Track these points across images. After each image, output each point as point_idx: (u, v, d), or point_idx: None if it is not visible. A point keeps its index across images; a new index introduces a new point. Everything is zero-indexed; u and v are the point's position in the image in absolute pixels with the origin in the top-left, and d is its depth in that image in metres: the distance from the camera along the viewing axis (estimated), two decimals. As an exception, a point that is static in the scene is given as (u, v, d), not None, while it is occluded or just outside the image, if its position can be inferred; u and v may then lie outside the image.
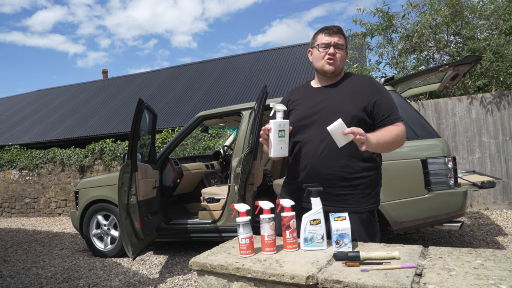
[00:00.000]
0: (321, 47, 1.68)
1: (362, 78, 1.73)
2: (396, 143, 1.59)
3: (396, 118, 1.63)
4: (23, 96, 19.03)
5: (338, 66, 1.68)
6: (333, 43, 1.66)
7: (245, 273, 1.35)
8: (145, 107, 3.45)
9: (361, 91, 1.65)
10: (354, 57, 7.67)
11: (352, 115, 1.60)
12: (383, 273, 1.17)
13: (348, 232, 1.40)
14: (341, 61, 1.69)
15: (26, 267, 4.13)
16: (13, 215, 9.09)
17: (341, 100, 1.65)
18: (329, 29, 1.68)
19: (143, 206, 3.37)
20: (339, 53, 1.67)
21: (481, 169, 5.60)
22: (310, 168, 1.64)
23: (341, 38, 1.68)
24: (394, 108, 1.65)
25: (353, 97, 1.64)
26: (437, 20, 6.73)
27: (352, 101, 1.63)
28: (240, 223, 1.49)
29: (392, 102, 1.66)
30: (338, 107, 1.63)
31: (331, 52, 1.65)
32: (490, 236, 4.08)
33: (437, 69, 3.26)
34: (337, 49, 1.66)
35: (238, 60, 14.65)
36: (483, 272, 1.11)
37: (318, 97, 1.71)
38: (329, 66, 1.67)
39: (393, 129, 1.59)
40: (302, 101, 1.75)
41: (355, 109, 1.61)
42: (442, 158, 3.04)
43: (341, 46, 1.67)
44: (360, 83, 1.69)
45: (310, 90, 1.77)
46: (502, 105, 5.53)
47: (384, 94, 1.66)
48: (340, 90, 1.69)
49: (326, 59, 1.66)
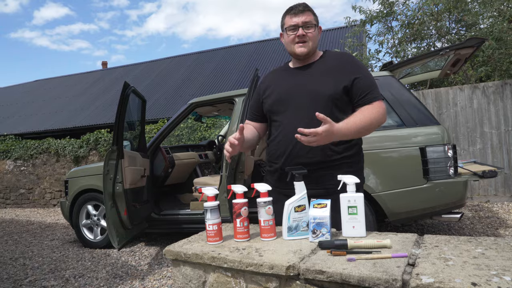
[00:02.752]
0: (289, 29, 1.58)
1: (340, 56, 1.63)
2: (373, 125, 1.48)
3: (374, 96, 1.51)
4: (20, 86, 18.86)
5: (310, 47, 1.58)
6: (301, 23, 1.56)
7: (221, 262, 1.22)
8: (131, 91, 3.30)
9: (338, 69, 1.55)
10: (353, 45, 7.49)
11: (329, 95, 1.51)
12: (372, 262, 1.04)
13: (326, 222, 1.27)
14: (313, 40, 1.58)
15: (13, 257, 4.02)
16: (7, 206, 9.00)
17: (317, 80, 1.55)
18: (295, 9, 1.57)
19: (130, 195, 3.25)
20: (310, 32, 1.56)
21: (482, 160, 5.46)
22: (290, 152, 1.55)
23: (309, 15, 1.57)
24: (372, 86, 1.54)
25: (330, 76, 1.54)
26: (438, 7, 6.54)
27: (329, 81, 1.53)
28: (208, 208, 1.36)
29: (370, 79, 1.55)
30: (314, 87, 1.54)
31: (300, 33, 1.55)
32: (491, 228, 3.96)
33: (437, 52, 3.11)
34: (306, 29, 1.56)
35: (236, 50, 14.45)
36: (484, 262, 0.98)
37: (294, 78, 1.62)
38: (300, 48, 1.58)
39: (368, 111, 1.47)
40: (278, 83, 1.66)
41: (332, 89, 1.52)
42: (441, 146, 2.90)
43: (310, 24, 1.56)
44: (337, 61, 1.59)
45: (287, 71, 1.68)
46: (505, 94, 5.38)
47: (362, 71, 1.56)
48: (317, 69, 1.59)
49: (296, 41, 1.57)
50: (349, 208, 1.32)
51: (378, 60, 7.43)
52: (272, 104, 1.63)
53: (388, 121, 3.12)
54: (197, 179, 4.17)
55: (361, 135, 1.51)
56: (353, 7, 7.12)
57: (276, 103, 1.61)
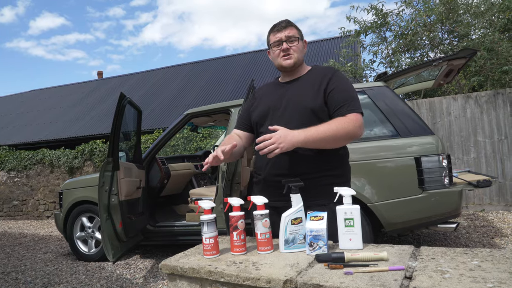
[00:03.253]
0: (274, 45, 1.65)
1: (324, 69, 1.66)
2: (340, 136, 1.46)
3: (350, 109, 1.51)
4: (15, 96, 18.78)
5: (296, 58, 1.62)
6: (285, 38, 1.61)
7: (218, 277, 1.21)
8: (127, 102, 3.30)
9: (319, 82, 1.58)
10: (348, 55, 7.57)
11: (310, 108, 1.54)
12: (369, 276, 1.04)
13: (323, 234, 1.26)
14: (298, 52, 1.63)
15: (5, 271, 3.96)
16: (0, 218, 8.88)
17: (300, 93, 1.60)
18: (278, 26, 1.64)
19: (126, 207, 3.23)
20: (294, 45, 1.61)
21: (476, 169, 5.50)
22: (272, 164, 1.58)
23: (292, 29, 1.63)
24: (349, 99, 1.54)
25: (311, 89, 1.58)
26: (431, 18, 6.65)
27: (311, 94, 1.57)
28: (204, 221, 1.36)
29: (348, 93, 1.56)
30: (296, 100, 1.59)
31: (284, 47, 1.61)
32: (487, 238, 3.97)
33: (431, 63, 3.15)
34: (290, 42, 1.61)
35: (232, 60, 14.53)
36: (480, 274, 0.99)
37: (280, 92, 1.67)
38: (286, 61, 1.62)
39: (336, 122, 1.47)
40: (265, 96, 1.71)
41: (312, 102, 1.55)
42: (436, 156, 2.92)
43: (294, 37, 1.62)
44: (320, 75, 1.62)
45: (275, 85, 1.73)
46: (497, 104, 5.44)
47: (341, 84, 1.57)
48: (301, 83, 1.64)
49: (282, 55, 1.62)
50: (345, 220, 1.32)
51: (372, 70, 7.51)
52: (257, 116, 1.68)
53: (383, 130, 3.14)
54: (193, 190, 4.15)
55: (328, 144, 1.48)
56: (347, 18, 7.21)
57: (261, 115, 1.66)
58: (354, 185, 3.01)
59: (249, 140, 1.76)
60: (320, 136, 1.42)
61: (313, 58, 11.65)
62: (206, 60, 15.54)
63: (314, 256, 1.25)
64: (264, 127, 1.63)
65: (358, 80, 7.29)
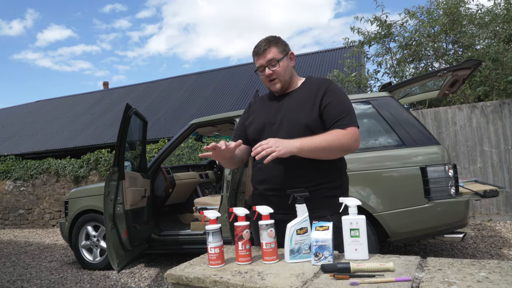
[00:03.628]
0: (259, 71, 1.63)
1: (318, 82, 1.63)
2: (336, 148, 1.45)
3: (346, 123, 1.49)
4: (22, 106, 19.01)
5: (282, 81, 1.61)
6: (266, 63, 1.58)
7: (223, 287, 1.21)
8: (133, 112, 3.34)
9: (313, 96, 1.56)
10: (352, 65, 7.61)
11: (305, 123, 1.53)
12: (375, 286, 1.03)
13: (329, 244, 1.26)
14: (283, 74, 1.59)
15: (11, 280, 3.97)
16: (6, 226, 8.92)
17: (295, 108, 1.58)
18: (257, 48, 1.60)
19: (131, 216, 3.23)
20: (276, 69, 1.59)
21: (483, 179, 5.46)
22: (270, 178, 1.57)
23: (271, 50, 1.58)
24: (346, 112, 1.52)
25: (306, 104, 1.56)
26: (435, 29, 6.68)
27: (305, 109, 1.55)
28: (210, 231, 1.36)
29: (344, 106, 1.54)
30: (291, 116, 1.57)
31: (267, 74, 1.59)
32: (494, 248, 3.91)
33: (435, 74, 3.16)
34: (272, 66, 1.58)
35: (236, 70, 14.64)
36: (488, 286, 0.98)
37: (274, 107, 1.65)
38: (273, 86, 1.62)
39: (333, 134, 1.46)
40: (260, 111, 1.69)
41: (307, 117, 1.53)
42: (442, 166, 2.91)
43: (274, 61, 1.58)
44: (314, 88, 1.60)
45: (269, 100, 1.71)
46: (503, 113, 5.42)
47: (336, 97, 1.55)
48: (295, 97, 1.62)
49: (268, 81, 1.62)
50: (351, 230, 1.31)
51: (377, 80, 7.53)
52: (253, 132, 1.66)
53: (388, 140, 3.14)
54: (197, 199, 4.16)
55: (323, 155, 1.47)
56: (351, 29, 7.27)
57: (256, 131, 1.64)
58: (360, 194, 3.01)
59: (247, 152, 1.73)
60: (315, 146, 1.42)
61: (318, 68, 11.70)
62: (210, 70, 15.67)
63: (319, 266, 1.25)
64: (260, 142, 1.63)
65: (362, 90, 7.31)
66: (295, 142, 1.40)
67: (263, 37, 1.64)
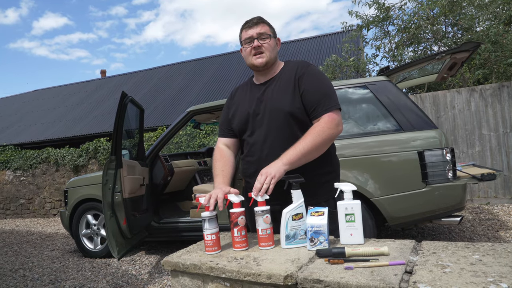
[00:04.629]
0: (245, 43, 1.59)
1: (294, 66, 1.60)
2: (319, 145, 1.45)
3: (324, 109, 1.47)
4: (19, 96, 18.91)
5: (268, 57, 1.57)
6: (256, 35, 1.55)
7: (219, 273, 1.22)
8: (129, 100, 3.32)
9: (292, 83, 1.54)
10: (351, 50, 7.53)
11: (288, 111, 1.51)
12: (369, 271, 1.04)
13: (324, 230, 1.26)
14: (271, 50, 1.57)
15: (13, 269, 4.01)
16: (8, 216, 8.98)
17: (276, 97, 1.55)
18: (249, 22, 1.58)
19: (130, 204, 3.25)
20: (265, 43, 1.56)
21: (481, 162, 5.46)
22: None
23: (263, 26, 1.57)
24: (322, 97, 1.49)
25: (286, 91, 1.54)
26: (434, 11, 6.59)
27: (286, 97, 1.53)
28: (206, 218, 1.36)
29: (320, 91, 1.51)
30: (273, 105, 1.54)
31: (255, 45, 1.55)
32: (492, 231, 3.95)
33: (433, 57, 3.12)
34: (262, 40, 1.56)
35: (234, 57, 14.50)
36: (481, 269, 0.98)
37: (255, 96, 1.61)
38: (258, 59, 1.57)
39: (312, 135, 1.44)
40: (242, 102, 1.65)
41: (288, 106, 1.52)
42: (439, 150, 2.91)
43: (265, 34, 1.56)
44: (292, 74, 1.57)
45: (250, 89, 1.67)
46: (502, 96, 5.39)
47: (311, 82, 1.52)
48: (276, 85, 1.58)
49: (253, 54, 1.57)
50: (346, 215, 1.32)
51: (375, 64, 7.46)
52: (237, 124, 1.63)
53: (386, 125, 3.13)
54: (196, 186, 4.17)
55: (312, 157, 1.46)
56: (349, 13, 7.17)
57: (241, 123, 1.61)
58: (357, 179, 3.01)
59: (237, 145, 1.72)
60: (302, 154, 1.41)
61: (316, 53, 11.59)
62: (208, 57, 15.54)
63: (315, 251, 1.25)
64: (247, 134, 1.61)
65: (361, 75, 7.25)
66: (283, 162, 1.39)
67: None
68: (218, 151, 1.69)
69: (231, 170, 1.62)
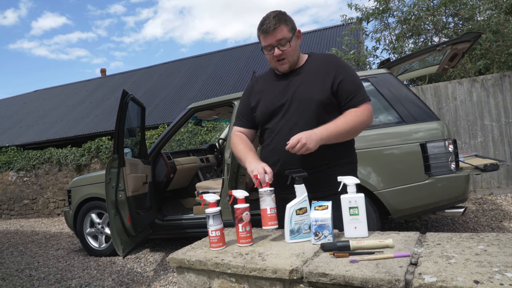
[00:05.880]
0: (266, 49, 1.57)
1: (325, 58, 1.62)
2: (357, 128, 1.51)
3: (361, 99, 1.53)
4: (20, 97, 18.93)
5: (291, 61, 1.58)
6: (275, 43, 1.52)
7: (225, 268, 1.22)
8: (130, 99, 3.31)
9: (324, 73, 1.55)
10: (351, 43, 7.50)
11: (317, 100, 1.52)
12: (374, 263, 1.04)
13: (328, 223, 1.27)
14: (292, 54, 1.56)
15: (19, 269, 4.04)
16: (12, 217, 9.03)
17: (305, 87, 1.56)
18: (265, 26, 1.51)
19: (133, 202, 3.26)
20: (286, 48, 1.54)
21: (484, 153, 5.45)
22: (284, 161, 1.56)
23: (281, 30, 1.51)
24: (358, 88, 1.54)
25: (316, 81, 1.55)
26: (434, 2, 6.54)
27: (316, 86, 1.54)
28: (210, 214, 1.37)
29: (356, 82, 1.55)
30: (302, 94, 1.55)
31: (276, 54, 1.54)
32: (495, 221, 3.95)
33: (434, 48, 3.11)
34: (282, 46, 1.53)
35: (233, 53, 14.47)
36: (486, 259, 0.98)
37: (282, 85, 1.61)
38: (282, 66, 1.58)
39: (351, 115, 1.50)
40: (266, 91, 1.64)
41: (319, 94, 1.53)
42: (442, 141, 2.90)
43: (284, 40, 1.52)
44: (322, 64, 1.58)
45: (274, 78, 1.66)
46: (504, 86, 5.37)
47: (348, 73, 1.56)
48: (304, 75, 1.59)
49: (276, 61, 1.57)
50: (350, 209, 1.32)
51: (376, 57, 7.43)
52: (262, 113, 1.63)
53: (388, 117, 3.12)
54: (199, 183, 4.18)
55: (346, 137, 1.52)
56: (349, 5, 7.13)
57: (266, 112, 1.61)
58: (360, 173, 3.01)
59: (254, 135, 1.74)
60: (340, 131, 1.46)
61: (316, 47, 11.54)
62: (208, 53, 15.50)
63: (319, 245, 1.26)
64: (272, 123, 1.61)
65: (361, 67, 7.23)
66: (322, 134, 1.42)
67: (270, 13, 1.56)
68: (237, 136, 1.69)
69: (255, 151, 1.64)
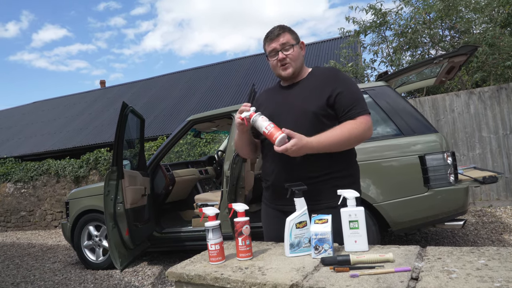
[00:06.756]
0: (270, 55, 1.62)
1: (326, 71, 1.65)
2: (352, 140, 1.50)
3: (359, 112, 1.52)
4: (19, 108, 18.94)
5: (295, 66, 1.61)
6: (279, 47, 1.58)
7: (224, 283, 1.21)
8: (130, 111, 3.32)
9: (323, 85, 1.57)
10: (348, 55, 7.57)
11: (312, 111, 1.53)
12: (375, 278, 1.04)
13: (328, 237, 1.26)
14: (296, 59, 1.60)
15: (15, 282, 3.98)
16: (8, 229, 8.94)
17: (302, 97, 1.58)
18: (271, 34, 1.60)
19: (132, 215, 3.24)
20: (290, 53, 1.58)
21: (482, 165, 5.46)
22: (278, 171, 1.58)
23: (285, 36, 1.59)
24: (357, 100, 1.54)
25: (314, 92, 1.57)
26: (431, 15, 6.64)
27: (313, 97, 1.56)
28: (210, 228, 1.36)
29: (355, 94, 1.56)
30: (299, 104, 1.57)
31: (280, 57, 1.58)
32: (495, 234, 3.93)
33: (431, 61, 3.14)
34: (286, 51, 1.58)
35: (232, 65, 14.57)
36: (487, 274, 0.98)
37: (282, 97, 1.65)
38: (285, 71, 1.61)
39: (347, 126, 1.49)
40: (268, 102, 1.70)
41: (315, 106, 1.54)
42: (440, 154, 2.91)
43: (288, 45, 1.58)
44: (322, 77, 1.61)
45: (277, 90, 1.72)
46: (501, 98, 5.41)
47: (347, 85, 1.56)
48: (303, 86, 1.62)
49: (280, 66, 1.60)
50: (350, 222, 1.32)
51: (373, 69, 7.50)
52: None
53: (386, 130, 3.14)
54: (198, 195, 4.16)
55: (340, 148, 1.51)
56: (346, 18, 7.22)
57: None
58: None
59: (258, 145, 1.76)
60: (332, 142, 1.45)
61: (314, 59, 11.65)
62: (207, 65, 15.60)
63: (319, 259, 1.25)
64: None
65: (359, 80, 7.28)
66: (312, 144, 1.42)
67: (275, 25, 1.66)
68: None
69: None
